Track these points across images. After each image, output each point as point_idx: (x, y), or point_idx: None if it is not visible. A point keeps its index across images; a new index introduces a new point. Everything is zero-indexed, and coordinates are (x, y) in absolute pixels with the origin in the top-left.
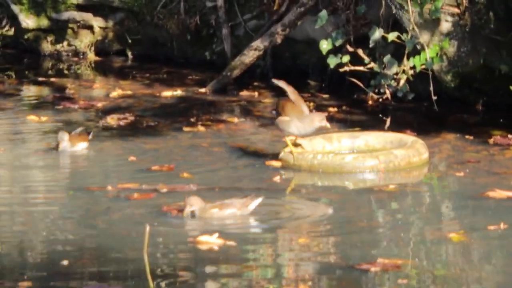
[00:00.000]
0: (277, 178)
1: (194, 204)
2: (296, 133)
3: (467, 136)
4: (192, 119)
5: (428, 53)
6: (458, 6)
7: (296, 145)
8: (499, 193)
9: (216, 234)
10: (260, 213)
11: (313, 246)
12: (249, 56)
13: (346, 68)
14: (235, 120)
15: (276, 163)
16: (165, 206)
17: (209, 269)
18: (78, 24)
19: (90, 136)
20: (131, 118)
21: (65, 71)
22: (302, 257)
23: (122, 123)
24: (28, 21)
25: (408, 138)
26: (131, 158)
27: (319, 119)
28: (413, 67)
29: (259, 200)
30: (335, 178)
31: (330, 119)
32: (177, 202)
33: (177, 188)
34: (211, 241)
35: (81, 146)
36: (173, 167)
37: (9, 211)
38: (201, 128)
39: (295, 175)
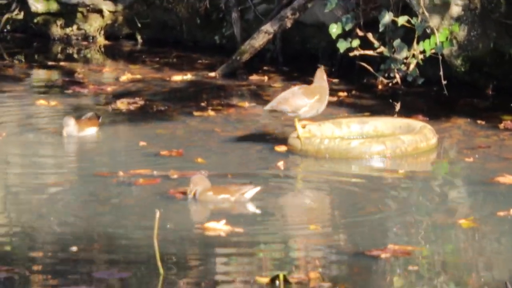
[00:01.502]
0: (284, 164)
1: (198, 183)
2: (310, 114)
3: (477, 121)
4: (202, 104)
5: (438, 37)
6: None
7: (303, 126)
8: (509, 179)
9: (224, 221)
10: (267, 199)
11: (322, 232)
12: (259, 40)
13: (356, 53)
14: (246, 104)
15: (284, 148)
16: (172, 189)
17: (218, 255)
18: (88, 8)
19: (99, 120)
20: (141, 102)
21: (75, 55)
22: (312, 243)
23: (132, 107)
24: (38, 5)
25: (417, 123)
26: (141, 143)
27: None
28: (423, 52)
29: (256, 189)
30: (342, 164)
31: (339, 103)
32: (185, 186)
33: (188, 174)
34: (219, 228)
35: (90, 131)
36: (182, 152)
37: (18, 197)
38: (211, 113)
39: (302, 160)
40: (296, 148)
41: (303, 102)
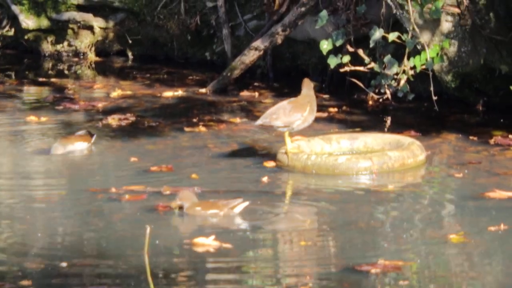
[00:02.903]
0: (268, 179)
1: (184, 199)
2: (302, 125)
3: (468, 137)
4: (193, 120)
5: (429, 53)
6: (458, 6)
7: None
8: (499, 194)
9: (213, 236)
10: (257, 215)
11: (313, 247)
12: (250, 56)
13: (347, 68)
14: (237, 120)
15: (272, 164)
16: (161, 204)
17: (208, 271)
18: (79, 24)
19: (93, 139)
20: (132, 118)
21: (66, 72)
22: (302, 259)
23: (123, 123)
24: (29, 21)
25: (406, 139)
26: (132, 159)
27: (307, 84)
28: (414, 67)
29: (245, 204)
30: (329, 179)
31: (330, 119)
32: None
33: (180, 191)
34: (208, 243)
35: (79, 147)
36: (171, 167)
37: (8, 213)
38: (202, 129)
39: (289, 176)
40: (284, 163)
41: (296, 117)
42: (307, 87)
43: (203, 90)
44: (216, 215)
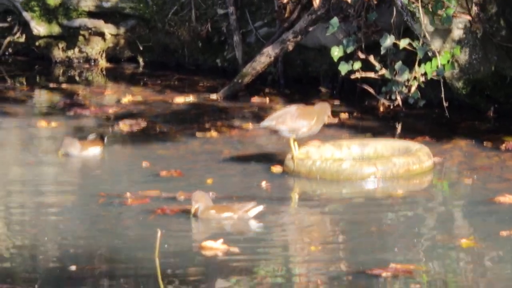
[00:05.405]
0: (266, 184)
1: (199, 200)
2: (306, 133)
3: (478, 143)
4: (206, 125)
5: (440, 60)
6: (469, 13)
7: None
8: (510, 199)
9: (221, 240)
10: (265, 220)
11: (323, 252)
12: (261, 63)
13: (357, 75)
14: (248, 126)
15: (280, 169)
16: (165, 207)
17: (218, 274)
18: (90, 31)
19: (105, 141)
20: (143, 124)
21: (76, 78)
22: (312, 263)
23: (134, 129)
24: (40, 28)
25: (414, 145)
26: (143, 164)
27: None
28: (425, 74)
29: (260, 207)
30: (335, 185)
31: (341, 125)
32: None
33: (193, 193)
34: (216, 247)
35: (92, 152)
36: (181, 172)
37: (19, 217)
38: (213, 134)
39: (295, 181)
40: (290, 169)
41: (301, 124)
42: (322, 108)
43: (214, 96)
44: (231, 218)
